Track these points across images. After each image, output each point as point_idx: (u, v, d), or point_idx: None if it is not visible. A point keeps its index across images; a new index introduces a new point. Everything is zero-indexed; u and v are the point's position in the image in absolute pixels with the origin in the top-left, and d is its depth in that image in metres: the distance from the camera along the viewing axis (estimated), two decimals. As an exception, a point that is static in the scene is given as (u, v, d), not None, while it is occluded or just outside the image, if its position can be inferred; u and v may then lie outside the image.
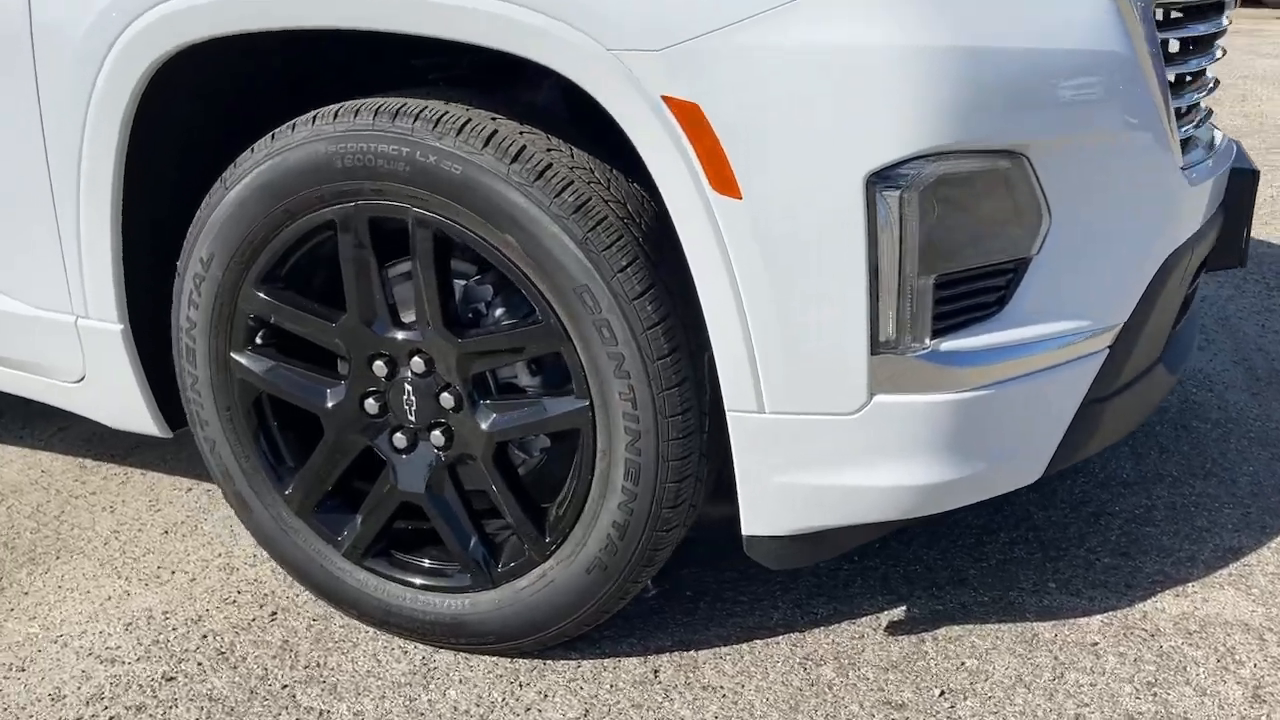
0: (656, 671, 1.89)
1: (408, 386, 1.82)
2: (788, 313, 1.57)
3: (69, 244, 1.96)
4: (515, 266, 1.68)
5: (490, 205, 1.65)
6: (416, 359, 1.80)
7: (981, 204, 1.59)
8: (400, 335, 1.79)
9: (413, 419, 1.84)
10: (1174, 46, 1.91)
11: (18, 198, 1.98)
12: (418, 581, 1.92)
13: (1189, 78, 1.96)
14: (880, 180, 1.51)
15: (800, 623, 2.00)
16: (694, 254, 1.58)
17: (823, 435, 1.64)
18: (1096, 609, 2.01)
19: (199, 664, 1.94)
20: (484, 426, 1.79)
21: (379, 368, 1.82)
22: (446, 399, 1.80)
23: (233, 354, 1.90)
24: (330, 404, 1.88)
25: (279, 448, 1.97)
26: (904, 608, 2.03)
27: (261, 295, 1.85)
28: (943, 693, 1.82)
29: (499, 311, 1.83)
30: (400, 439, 1.86)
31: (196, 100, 1.93)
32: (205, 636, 2.01)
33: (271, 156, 1.76)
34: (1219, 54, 2.07)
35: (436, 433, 1.83)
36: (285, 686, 1.88)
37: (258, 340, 1.89)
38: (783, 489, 1.68)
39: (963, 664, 1.88)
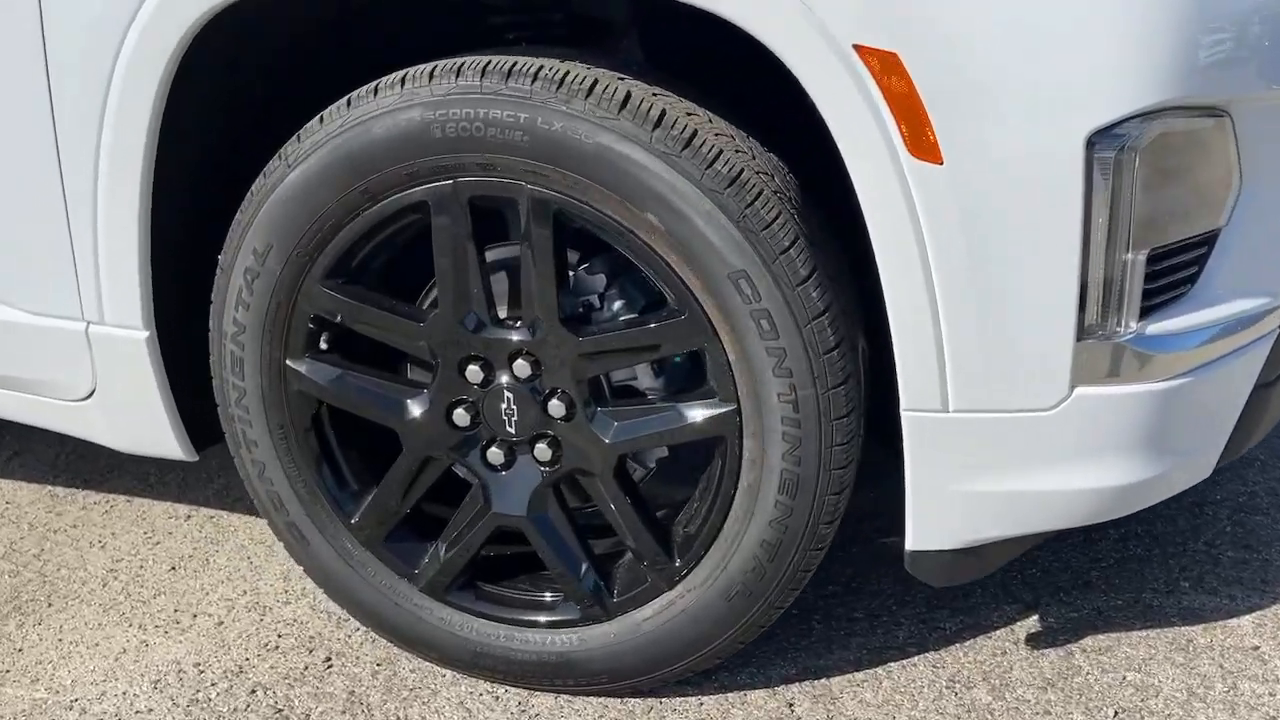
0: (791, 705, 1.67)
1: (507, 394, 1.57)
2: (988, 295, 1.37)
3: (82, 240, 1.64)
4: (653, 250, 1.44)
5: (628, 179, 1.41)
6: (520, 361, 1.54)
7: (1188, 168, 1.41)
8: (506, 335, 1.54)
9: (512, 430, 1.59)
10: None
11: (14, 190, 1.66)
12: (515, 616, 1.66)
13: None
14: (1098, 142, 1.32)
15: (931, 640, 1.80)
16: (879, 228, 1.36)
17: (1014, 435, 1.44)
18: (1241, 608, 1.85)
19: (255, 726, 1.66)
20: (606, 438, 1.54)
21: (473, 373, 1.56)
22: (555, 406, 1.55)
23: (289, 362, 1.62)
24: (412, 416, 1.61)
25: (341, 470, 1.69)
26: (1036, 617, 1.85)
27: (329, 292, 1.57)
28: (1116, 713, 1.64)
29: (617, 304, 1.59)
30: (496, 454, 1.61)
31: (237, 71, 1.65)
32: (254, 691, 1.73)
33: (348, 127, 1.48)
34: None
35: (542, 445, 1.58)
36: (368, 748, 1.62)
37: (321, 345, 1.62)
38: (961, 498, 1.48)
39: (1124, 678, 1.71)
